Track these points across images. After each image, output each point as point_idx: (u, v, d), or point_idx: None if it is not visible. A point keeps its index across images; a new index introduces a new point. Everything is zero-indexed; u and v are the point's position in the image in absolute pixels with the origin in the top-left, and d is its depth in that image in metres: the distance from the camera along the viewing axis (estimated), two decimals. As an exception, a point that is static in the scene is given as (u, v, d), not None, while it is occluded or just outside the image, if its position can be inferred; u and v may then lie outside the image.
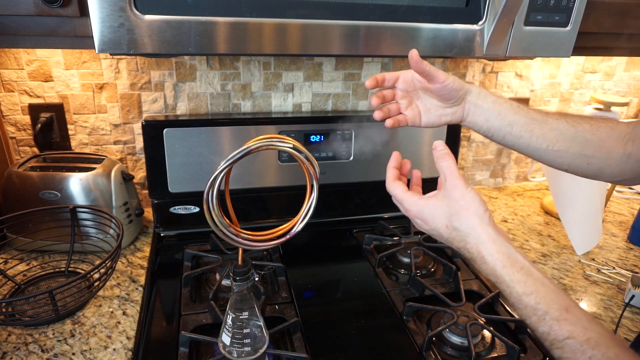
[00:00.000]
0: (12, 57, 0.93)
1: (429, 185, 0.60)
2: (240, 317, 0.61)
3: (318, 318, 0.80)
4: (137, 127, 1.05)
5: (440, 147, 0.56)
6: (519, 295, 0.48)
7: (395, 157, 0.63)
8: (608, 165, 0.65)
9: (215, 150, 0.99)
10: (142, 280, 0.87)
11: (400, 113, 0.71)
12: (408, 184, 0.63)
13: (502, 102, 0.67)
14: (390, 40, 0.73)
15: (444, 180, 0.55)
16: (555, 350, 0.46)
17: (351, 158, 1.08)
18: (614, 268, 0.97)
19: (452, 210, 0.53)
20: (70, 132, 1.02)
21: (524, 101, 1.27)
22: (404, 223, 1.12)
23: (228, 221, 0.58)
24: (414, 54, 0.62)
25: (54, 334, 0.73)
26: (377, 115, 0.69)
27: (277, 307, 0.82)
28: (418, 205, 0.56)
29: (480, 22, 0.76)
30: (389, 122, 0.69)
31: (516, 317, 0.82)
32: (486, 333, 0.77)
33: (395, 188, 0.59)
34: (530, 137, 0.66)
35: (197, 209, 1.03)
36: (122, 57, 0.97)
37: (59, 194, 0.88)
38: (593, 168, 0.66)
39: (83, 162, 0.93)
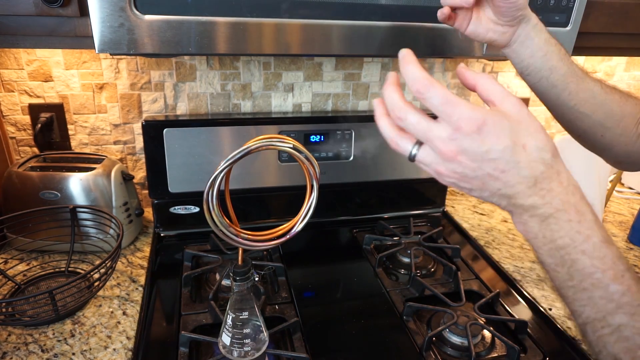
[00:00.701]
0: (12, 57, 0.93)
1: (431, 185, 0.60)
2: (240, 317, 0.61)
3: (318, 318, 0.80)
4: (137, 127, 1.05)
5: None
6: (592, 221, 0.40)
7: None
8: (618, 143, 0.65)
9: (215, 150, 0.99)
10: (142, 280, 0.87)
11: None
12: None
13: (553, 44, 0.63)
14: (391, 40, 0.73)
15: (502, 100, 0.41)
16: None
17: (351, 158, 1.08)
18: (614, 268, 0.97)
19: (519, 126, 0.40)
20: (70, 132, 1.02)
21: (524, 101, 1.27)
22: (404, 223, 1.12)
23: (228, 221, 0.58)
24: None
25: (54, 334, 0.73)
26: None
27: (277, 307, 0.82)
28: (482, 112, 0.38)
29: (480, 22, 0.76)
30: (441, 14, 0.62)
31: (516, 317, 0.82)
32: (486, 333, 0.77)
33: (438, 87, 0.39)
34: (563, 89, 0.64)
35: (197, 209, 1.03)
36: (122, 57, 0.97)
37: (59, 194, 0.88)
38: (604, 141, 0.65)
39: (83, 162, 0.93)
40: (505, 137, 0.38)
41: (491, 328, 0.77)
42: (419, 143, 0.41)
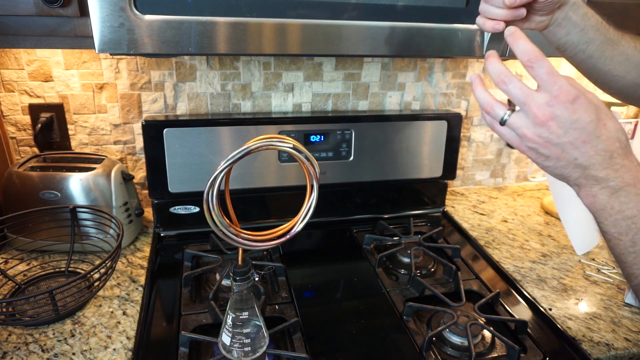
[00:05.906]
0: (12, 57, 0.93)
1: (431, 185, 0.59)
2: (240, 317, 0.61)
3: (318, 318, 0.80)
4: (137, 127, 1.05)
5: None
6: None
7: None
8: None
9: (215, 150, 0.99)
10: (142, 280, 0.87)
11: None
12: None
13: (589, 17, 0.63)
14: (391, 40, 0.73)
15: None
16: None
17: (351, 158, 1.08)
18: (613, 268, 0.97)
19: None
20: (70, 132, 1.02)
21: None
22: (404, 223, 1.12)
23: (228, 221, 0.58)
24: None
25: (54, 334, 0.73)
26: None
27: (277, 307, 0.82)
28: (579, 88, 0.46)
29: (480, 22, 0.76)
30: (489, 25, 0.61)
31: (516, 317, 0.82)
32: (486, 333, 0.77)
33: (546, 60, 0.47)
34: (599, 57, 0.64)
35: (197, 209, 1.04)
36: (122, 57, 0.97)
37: (59, 194, 0.88)
38: (637, 96, 0.67)
39: (83, 162, 0.93)
40: (592, 113, 0.45)
41: (491, 328, 0.77)
42: (511, 110, 0.49)
